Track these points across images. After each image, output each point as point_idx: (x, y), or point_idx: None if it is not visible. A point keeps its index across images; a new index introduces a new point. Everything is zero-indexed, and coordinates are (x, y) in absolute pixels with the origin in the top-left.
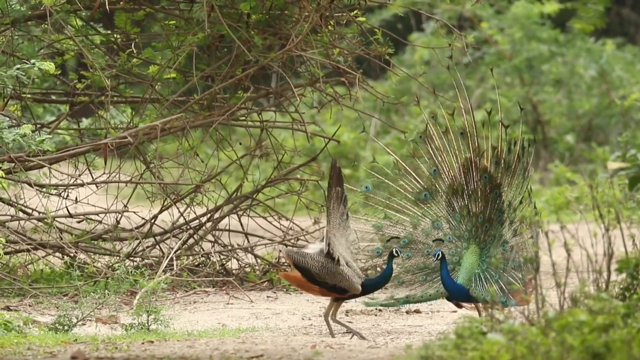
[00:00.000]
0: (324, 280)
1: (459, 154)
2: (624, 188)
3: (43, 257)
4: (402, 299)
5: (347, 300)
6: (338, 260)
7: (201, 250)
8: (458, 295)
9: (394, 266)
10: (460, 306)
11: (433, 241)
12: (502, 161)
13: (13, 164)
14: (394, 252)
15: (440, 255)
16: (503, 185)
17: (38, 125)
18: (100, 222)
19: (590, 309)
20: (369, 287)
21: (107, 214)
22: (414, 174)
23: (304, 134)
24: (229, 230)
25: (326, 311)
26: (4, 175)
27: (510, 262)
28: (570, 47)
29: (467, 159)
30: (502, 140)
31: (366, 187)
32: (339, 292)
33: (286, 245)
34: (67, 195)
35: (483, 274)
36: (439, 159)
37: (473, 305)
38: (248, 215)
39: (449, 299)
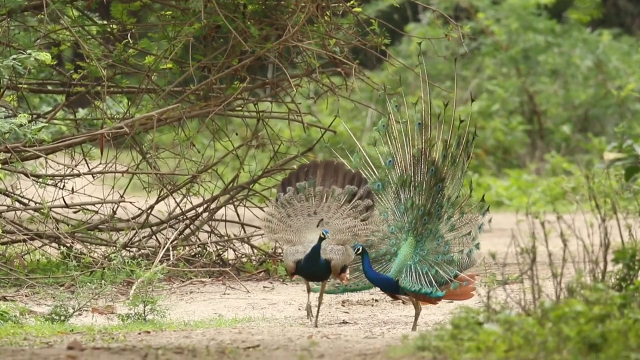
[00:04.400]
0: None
1: (412, 144)
2: (621, 178)
3: (39, 247)
4: (341, 286)
5: (317, 282)
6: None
7: (197, 240)
8: (384, 286)
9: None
10: (394, 297)
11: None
12: (450, 155)
13: (9, 154)
14: (321, 234)
15: (361, 250)
16: (446, 180)
17: (34, 116)
18: (96, 212)
19: (586, 300)
20: (302, 264)
21: (104, 204)
22: (371, 164)
23: (301, 125)
24: (225, 221)
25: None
26: (0, 166)
27: (464, 250)
28: (567, 38)
29: (419, 149)
30: (452, 134)
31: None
32: (288, 271)
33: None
34: (64, 186)
35: (414, 265)
36: (395, 149)
37: (409, 297)
38: (244, 206)
39: (382, 290)
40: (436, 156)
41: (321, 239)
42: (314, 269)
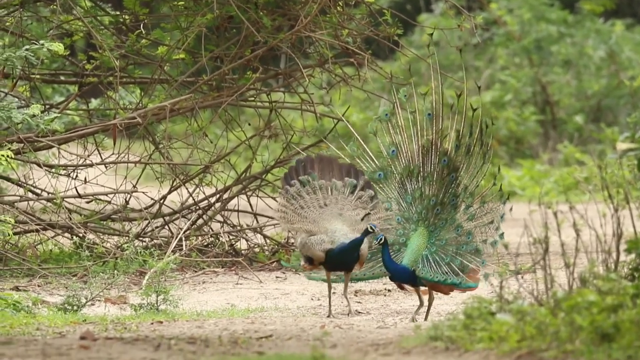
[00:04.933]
0: (304, 254)
1: (421, 135)
2: (633, 168)
3: (52, 237)
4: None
5: (339, 272)
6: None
7: (210, 230)
8: (400, 276)
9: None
10: (402, 287)
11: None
12: (464, 145)
13: (22, 145)
14: (369, 228)
15: (383, 240)
16: (460, 169)
17: (47, 106)
18: (109, 202)
19: (599, 290)
20: (334, 254)
21: (116, 195)
22: (370, 153)
23: (313, 115)
24: (238, 211)
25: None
26: (13, 156)
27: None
28: (580, 28)
29: (429, 140)
30: (465, 124)
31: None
32: (309, 261)
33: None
34: (76, 176)
35: (432, 255)
36: (400, 139)
37: (414, 288)
38: (257, 196)
39: (392, 279)
40: (449, 147)
41: (367, 232)
42: (348, 260)
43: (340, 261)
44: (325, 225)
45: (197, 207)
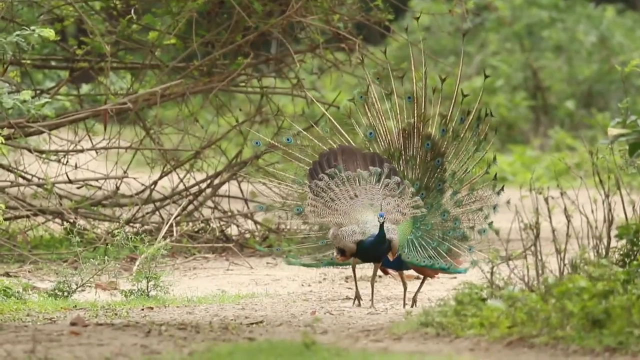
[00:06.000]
0: (336, 246)
1: (400, 118)
2: (624, 154)
3: (43, 223)
4: (325, 260)
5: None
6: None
7: (201, 216)
8: (386, 260)
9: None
10: (386, 272)
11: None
12: (450, 130)
13: (13, 130)
14: (378, 218)
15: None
16: (447, 155)
17: (38, 91)
18: (100, 188)
19: (590, 276)
20: (365, 245)
21: (107, 180)
22: (345, 135)
23: (304, 100)
24: (228, 197)
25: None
26: (3, 141)
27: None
28: (571, 13)
29: (410, 124)
30: (453, 109)
31: (287, 139)
32: (341, 253)
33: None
34: (67, 161)
35: (417, 240)
36: (377, 121)
37: (397, 273)
38: (248, 182)
39: (383, 265)
40: (433, 131)
41: (381, 224)
42: (379, 250)
43: (371, 252)
44: (356, 216)
45: (188, 193)
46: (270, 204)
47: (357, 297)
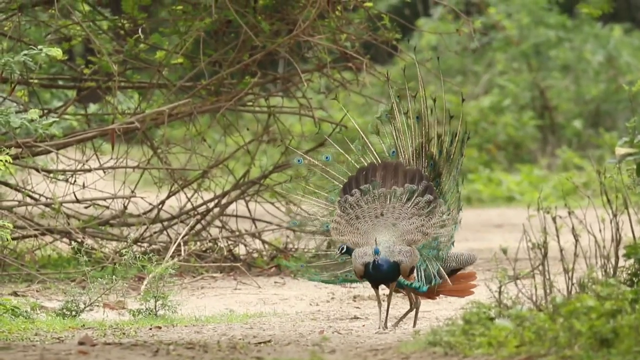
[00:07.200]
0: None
1: (414, 137)
2: (632, 173)
3: (50, 242)
4: (340, 277)
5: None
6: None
7: (209, 235)
8: (402, 282)
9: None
10: (397, 291)
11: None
12: (445, 151)
13: (20, 150)
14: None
15: (344, 249)
16: (442, 175)
17: (45, 111)
18: (107, 207)
19: (598, 295)
20: (371, 270)
21: (115, 200)
22: (375, 154)
23: (312, 120)
24: (236, 216)
25: None
26: (11, 161)
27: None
28: (578, 33)
29: (420, 143)
30: (445, 131)
31: (326, 158)
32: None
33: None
34: (75, 181)
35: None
36: (399, 140)
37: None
38: (255, 201)
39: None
40: (434, 151)
41: (373, 261)
42: (381, 275)
43: (377, 277)
44: (375, 236)
45: (196, 212)
46: (303, 220)
47: (384, 319)
